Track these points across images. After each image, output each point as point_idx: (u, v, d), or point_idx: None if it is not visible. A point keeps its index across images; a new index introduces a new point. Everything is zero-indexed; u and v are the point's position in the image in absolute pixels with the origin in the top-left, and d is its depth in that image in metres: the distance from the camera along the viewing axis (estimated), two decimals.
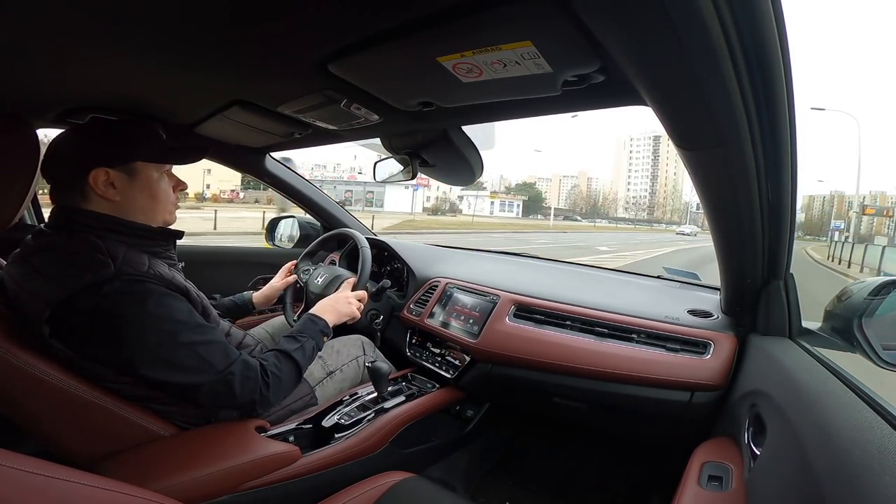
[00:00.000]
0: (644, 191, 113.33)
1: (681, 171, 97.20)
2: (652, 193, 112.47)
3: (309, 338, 0.97)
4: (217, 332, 0.85)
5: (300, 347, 0.94)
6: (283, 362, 0.90)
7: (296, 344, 0.95)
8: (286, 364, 0.90)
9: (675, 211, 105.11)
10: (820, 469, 0.51)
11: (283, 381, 0.89)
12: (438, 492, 0.89)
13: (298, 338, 0.96)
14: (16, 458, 0.41)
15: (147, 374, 0.76)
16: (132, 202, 0.83)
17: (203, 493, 0.75)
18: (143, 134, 0.86)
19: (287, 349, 0.92)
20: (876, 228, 64.56)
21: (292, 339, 0.96)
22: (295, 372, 0.92)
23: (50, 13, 0.56)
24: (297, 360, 0.92)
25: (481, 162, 1.18)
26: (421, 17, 0.55)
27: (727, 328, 1.05)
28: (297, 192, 1.73)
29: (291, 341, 0.95)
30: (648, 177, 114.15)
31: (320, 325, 1.02)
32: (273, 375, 0.87)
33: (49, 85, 0.85)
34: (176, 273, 0.85)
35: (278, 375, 0.88)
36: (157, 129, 0.89)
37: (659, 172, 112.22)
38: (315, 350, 0.98)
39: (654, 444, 1.33)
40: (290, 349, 0.92)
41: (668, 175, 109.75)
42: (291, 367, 0.91)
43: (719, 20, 0.42)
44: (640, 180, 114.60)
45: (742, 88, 0.51)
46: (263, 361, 0.87)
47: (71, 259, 0.74)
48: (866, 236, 50.95)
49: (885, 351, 0.73)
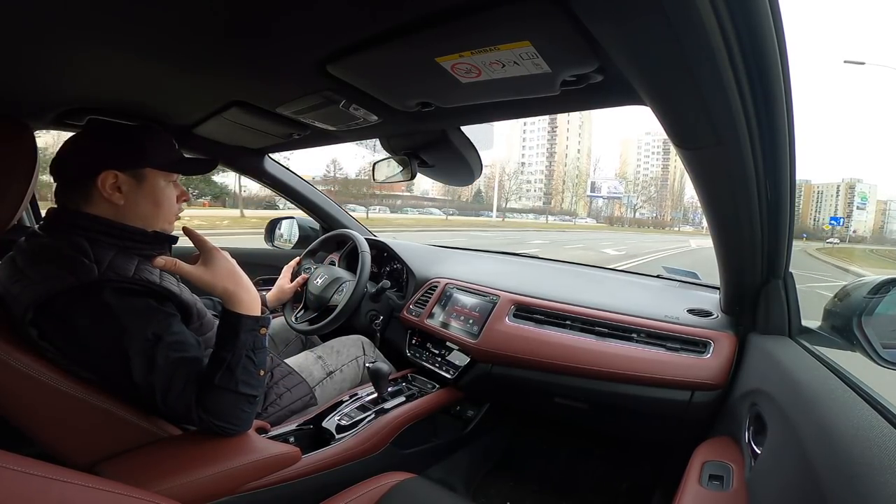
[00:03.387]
0: (540, 172, 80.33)
1: (587, 146, 76.55)
2: (549, 176, 79.87)
3: (233, 350, 0.78)
4: (194, 347, 0.79)
5: (226, 369, 0.77)
6: (211, 395, 0.76)
7: (219, 367, 0.77)
8: (215, 396, 0.76)
9: (580, 198, 76.20)
10: (820, 468, 0.51)
11: (222, 411, 0.76)
12: (439, 492, 0.88)
13: (222, 355, 0.78)
14: (16, 460, 0.41)
15: (126, 381, 0.73)
16: (135, 207, 0.82)
17: (204, 494, 0.75)
18: (157, 141, 0.85)
19: (210, 377, 0.76)
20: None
21: (214, 358, 0.79)
22: (231, 398, 0.77)
23: (47, 15, 0.56)
24: (226, 387, 0.76)
25: (480, 162, 1.18)
26: (419, 18, 0.55)
27: (727, 327, 1.05)
28: (296, 193, 1.73)
29: (214, 363, 0.78)
30: (545, 153, 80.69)
31: (245, 326, 0.80)
32: (204, 410, 0.76)
33: (47, 87, 0.85)
34: (168, 277, 0.83)
35: (209, 409, 0.76)
36: (170, 138, 0.88)
37: (557, 148, 79.14)
38: (254, 356, 0.80)
39: (655, 444, 1.33)
40: (212, 377, 0.76)
41: (568, 150, 77.89)
42: (223, 396, 0.76)
43: (717, 19, 0.42)
44: (537, 159, 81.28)
45: (740, 87, 0.51)
46: (200, 396, 0.76)
47: (55, 262, 0.73)
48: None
49: (884, 349, 0.73)
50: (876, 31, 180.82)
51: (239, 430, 0.80)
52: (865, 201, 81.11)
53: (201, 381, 0.76)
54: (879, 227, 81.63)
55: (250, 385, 0.79)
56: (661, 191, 77.13)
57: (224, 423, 0.77)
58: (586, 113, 19.97)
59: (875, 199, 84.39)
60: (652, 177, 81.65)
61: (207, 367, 0.78)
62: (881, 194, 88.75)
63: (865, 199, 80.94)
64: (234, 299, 0.81)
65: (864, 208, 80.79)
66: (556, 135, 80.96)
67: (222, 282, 0.81)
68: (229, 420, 0.78)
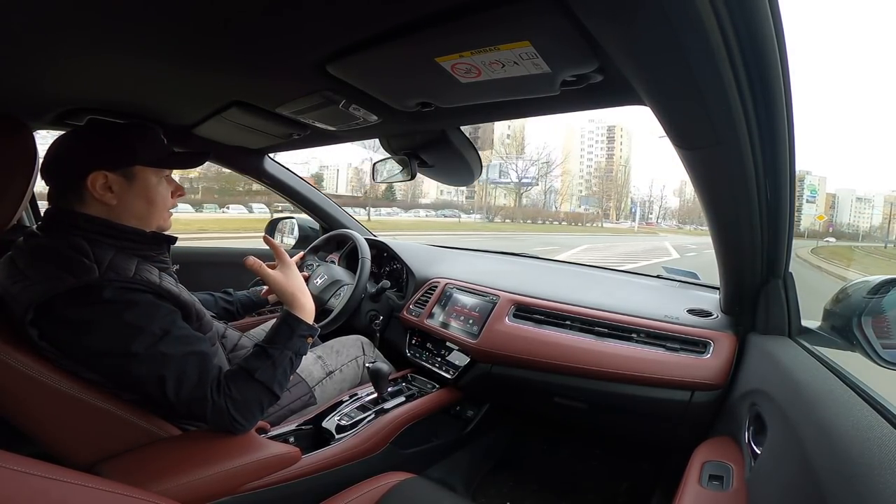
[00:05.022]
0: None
1: (519, 127, 54.56)
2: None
3: (283, 349, 0.84)
4: (202, 342, 0.81)
5: (270, 364, 0.82)
6: (244, 386, 0.80)
7: (264, 361, 0.82)
8: (247, 387, 0.80)
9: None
10: (820, 468, 0.51)
11: (246, 404, 0.80)
12: (439, 492, 0.89)
13: (270, 351, 0.84)
14: (17, 460, 0.41)
15: (132, 380, 0.74)
16: (128, 207, 0.82)
17: (204, 494, 0.75)
18: (144, 138, 0.85)
19: (251, 368, 0.81)
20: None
21: (262, 352, 0.84)
22: (261, 394, 0.81)
23: (47, 15, 0.56)
24: (264, 381, 0.81)
25: (480, 162, 1.19)
26: (419, 18, 0.55)
27: (727, 327, 1.05)
28: (296, 193, 1.74)
29: (260, 357, 0.83)
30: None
31: (301, 330, 0.88)
32: (229, 399, 0.78)
33: (46, 87, 0.85)
34: (167, 277, 0.83)
35: (235, 399, 0.78)
36: (158, 134, 0.88)
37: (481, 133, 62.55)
38: (294, 360, 0.87)
39: (655, 444, 1.33)
40: (254, 368, 0.81)
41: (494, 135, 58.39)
42: (255, 390, 0.80)
43: (716, 18, 0.42)
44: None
45: (740, 87, 0.51)
46: (229, 384, 0.79)
47: (55, 262, 0.73)
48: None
49: (884, 350, 0.73)
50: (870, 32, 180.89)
51: (245, 427, 0.81)
52: (815, 194, 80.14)
53: (238, 371, 0.81)
54: (828, 220, 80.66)
55: (282, 386, 0.84)
56: (604, 182, 66.70)
57: (239, 415, 0.79)
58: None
59: (824, 192, 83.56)
60: (595, 167, 71.04)
61: (251, 360, 0.83)
62: (830, 187, 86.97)
63: (815, 192, 79.68)
64: (298, 304, 0.91)
65: (813, 202, 79.34)
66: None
67: (293, 288, 0.92)
68: (245, 414, 0.80)
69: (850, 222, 74.29)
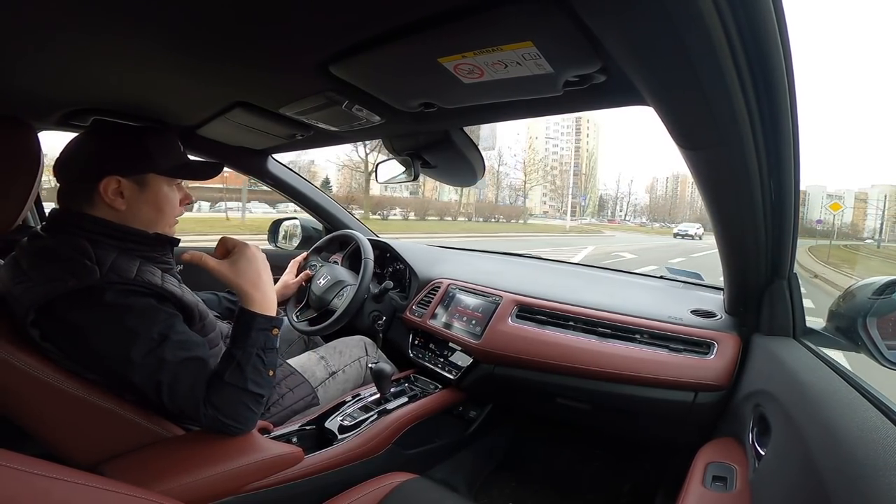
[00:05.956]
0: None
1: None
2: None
3: (244, 348, 0.80)
4: (200, 346, 0.80)
5: (236, 366, 0.79)
6: (220, 391, 0.78)
7: (230, 363, 0.79)
8: (223, 392, 0.78)
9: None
10: (825, 469, 0.50)
11: (230, 407, 0.78)
12: (442, 493, 0.89)
13: (233, 352, 0.80)
14: (20, 460, 0.41)
15: (130, 383, 0.74)
16: (137, 213, 0.82)
17: (207, 494, 0.75)
18: (163, 146, 0.84)
19: (220, 372, 0.79)
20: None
21: (227, 355, 0.81)
22: (238, 395, 0.78)
23: (52, 16, 0.56)
24: (235, 383, 0.78)
25: (483, 162, 1.18)
26: (422, 19, 0.55)
27: (731, 328, 1.04)
28: (299, 194, 1.74)
29: (226, 360, 0.80)
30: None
31: (258, 325, 0.83)
32: (212, 406, 0.77)
33: (51, 87, 0.86)
34: (170, 278, 0.83)
35: (217, 405, 0.77)
36: (176, 141, 0.87)
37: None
38: (264, 356, 0.82)
39: (658, 445, 1.32)
40: (222, 372, 0.78)
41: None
42: (230, 393, 0.78)
43: (719, 16, 0.42)
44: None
45: (743, 87, 0.51)
46: (209, 391, 0.77)
47: (57, 262, 0.73)
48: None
49: (889, 350, 0.73)
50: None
51: (243, 429, 0.81)
52: None
53: (211, 378, 0.78)
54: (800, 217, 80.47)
55: (259, 384, 0.81)
56: (563, 176, 62.04)
57: (230, 420, 0.78)
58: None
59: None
60: (556, 161, 67.42)
61: (219, 363, 0.80)
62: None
63: None
64: (249, 298, 0.84)
65: None
66: None
67: (240, 279, 0.84)
68: (235, 418, 0.79)
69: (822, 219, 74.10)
